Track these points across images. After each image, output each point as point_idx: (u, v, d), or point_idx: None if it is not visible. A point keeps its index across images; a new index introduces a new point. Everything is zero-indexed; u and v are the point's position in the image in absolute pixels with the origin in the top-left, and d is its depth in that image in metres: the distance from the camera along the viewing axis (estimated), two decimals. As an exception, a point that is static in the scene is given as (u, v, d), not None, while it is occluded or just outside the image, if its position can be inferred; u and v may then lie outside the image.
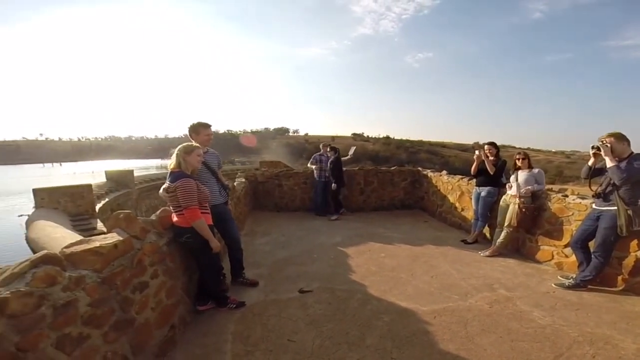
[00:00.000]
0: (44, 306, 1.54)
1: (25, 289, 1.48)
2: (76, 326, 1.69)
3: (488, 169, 4.89)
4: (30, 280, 1.53)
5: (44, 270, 1.60)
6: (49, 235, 8.30)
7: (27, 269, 1.57)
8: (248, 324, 2.81)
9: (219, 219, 3.29)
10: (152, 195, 20.07)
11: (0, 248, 13.60)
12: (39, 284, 1.55)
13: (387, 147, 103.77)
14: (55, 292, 1.61)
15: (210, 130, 3.51)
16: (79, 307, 1.72)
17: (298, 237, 5.58)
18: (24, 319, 1.44)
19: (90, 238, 2.05)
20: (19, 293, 1.45)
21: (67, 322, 1.64)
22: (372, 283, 3.62)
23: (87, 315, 1.77)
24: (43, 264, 1.64)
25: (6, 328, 1.37)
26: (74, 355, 1.63)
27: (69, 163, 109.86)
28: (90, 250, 1.91)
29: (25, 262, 1.60)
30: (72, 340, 1.65)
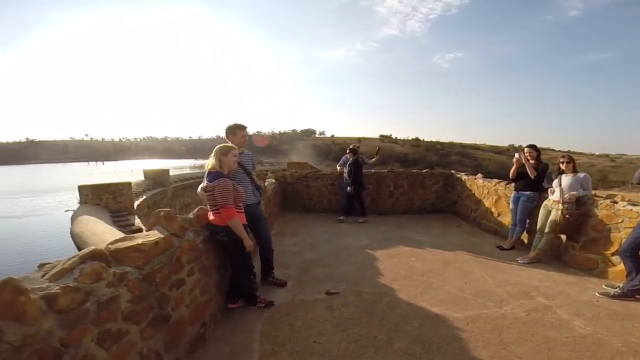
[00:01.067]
0: (89, 302, 1.56)
1: (74, 285, 1.51)
2: (117, 322, 1.71)
3: (529, 172, 4.63)
4: (78, 276, 1.56)
5: (90, 266, 1.63)
6: (92, 230, 8.85)
7: (75, 264, 1.60)
8: (276, 324, 2.83)
9: (252, 218, 3.34)
10: (186, 193, 20.88)
11: (49, 241, 14.68)
12: (86, 280, 1.58)
13: (416, 149, 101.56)
14: (100, 288, 1.64)
15: (246, 131, 3.58)
16: (120, 303, 1.75)
17: (325, 238, 5.56)
18: (70, 314, 1.46)
19: (133, 235, 2.11)
20: (68, 289, 1.47)
21: (109, 318, 1.67)
22: (402, 287, 3.54)
23: (128, 311, 1.79)
24: (90, 260, 1.67)
25: (53, 323, 1.39)
26: (112, 351, 1.65)
27: (111, 162, 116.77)
28: (133, 247, 1.95)
29: (75, 257, 1.63)
30: (112, 336, 1.67)
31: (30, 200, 30.82)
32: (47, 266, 1.59)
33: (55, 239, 14.04)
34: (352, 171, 6.87)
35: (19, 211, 24.65)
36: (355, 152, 7.10)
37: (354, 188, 6.87)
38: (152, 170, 18.39)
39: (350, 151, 7.14)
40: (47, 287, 1.42)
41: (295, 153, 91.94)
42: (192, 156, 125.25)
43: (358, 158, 7.04)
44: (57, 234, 14.41)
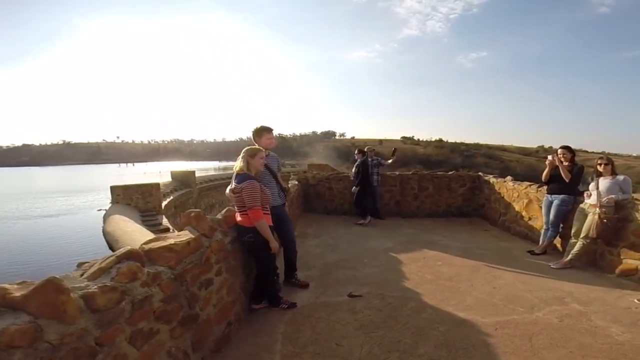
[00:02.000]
0: (124, 301, 1.58)
1: (110, 284, 1.52)
2: (149, 321, 1.73)
3: (563, 175, 4.42)
4: (115, 276, 1.57)
5: (127, 265, 1.64)
6: (122, 229, 9.22)
7: (112, 264, 1.61)
8: (298, 325, 2.83)
9: (277, 220, 3.36)
10: (210, 194, 21.40)
11: (83, 239, 15.42)
12: (122, 280, 1.59)
13: (439, 151, 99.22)
14: (135, 287, 1.66)
15: (273, 134, 3.61)
16: (153, 303, 1.76)
17: (347, 240, 5.54)
18: (106, 313, 1.48)
19: (166, 235, 2.15)
20: (106, 288, 1.49)
21: (142, 317, 1.68)
22: (427, 291, 3.47)
23: (159, 310, 1.81)
24: (126, 259, 1.69)
25: (90, 323, 1.40)
26: (143, 350, 1.66)
27: (140, 163, 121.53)
28: (166, 247, 1.97)
29: (111, 257, 1.65)
30: (143, 335, 1.68)
31: (66, 199, 32.50)
32: (85, 265, 1.63)
33: (88, 238, 14.73)
34: (359, 172, 6.79)
35: (54, 210, 26.05)
36: (364, 153, 7.02)
37: (360, 189, 6.81)
38: (179, 172, 18.98)
39: (359, 152, 7.07)
40: (85, 286, 1.45)
41: (316, 155, 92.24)
42: (216, 158, 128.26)
43: (366, 159, 6.95)
44: (90, 233, 15.12)
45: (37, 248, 14.75)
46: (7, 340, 1.13)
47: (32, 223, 21.09)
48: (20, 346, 1.15)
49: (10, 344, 1.13)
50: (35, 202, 30.60)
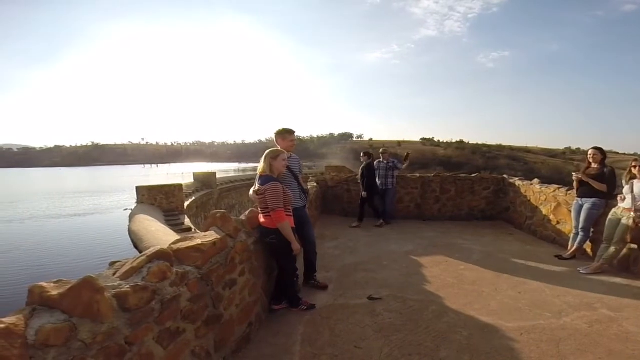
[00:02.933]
0: (154, 301, 1.59)
1: (142, 284, 1.54)
2: (176, 321, 1.74)
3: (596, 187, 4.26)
4: (146, 275, 1.59)
5: (157, 265, 1.66)
6: (147, 228, 9.51)
7: (143, 263, 1.64)
8: (317, 327, 2.83)
9: (299, 221, 3.37)
10: (230, 195, 21.77)
11: (110, 238, 16.01)
12: (153, 279, 1.61)
13: (460, 152, 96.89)
14: (165, 287, 1.67)
15: (295, 136, 3.63)
16: (180, 302, 1.78)
17: (366, 243, 5.50)
18: (137, 313, 1.49)
19: (193, 235, 2.18)
20: (137, 287, 1.50)
21: (170, 316, 1.69)
22: (449, 295, 3.41)
23: (186, 310, 1.82)
24: (157, 259, 1.71)
25: (121, 322, 1.41)
26: (169, 349, 1.67)
27: (164, 164, 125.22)
28: (194, 247, 1.99)
29: (143, 256, 1.67)
30: (170, 335, 1.70)
31: (94, 199, 33.88)
32: (117, 264, 1.66)
33: (115, 236, 15.28)
34: (363, 175, 6.69)
35: (83, 210, 27.19)
36: (369, 156, 6.87)
37: (367, 193, 6.70)
38: (201, 173, 19.42)
39: (364, 154, 6.90)
40: (118, 285, 1.47)
41: (333, 156, 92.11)
42: (236, 160, 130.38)
43: (371, 162, 6.83)
44: (117, 232, 15.68)
45: (67, 246, 15.42)
46: (43, 339, 1.14)
47: (62, 222, 22.10)
48: (55, 345, 1.16)
49: (46, 343, 1.14)
50: (65, 202, 32.03)
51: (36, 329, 1.14)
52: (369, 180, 6.68)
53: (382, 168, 7.00)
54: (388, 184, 6.96)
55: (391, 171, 6.96)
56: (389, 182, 6.96)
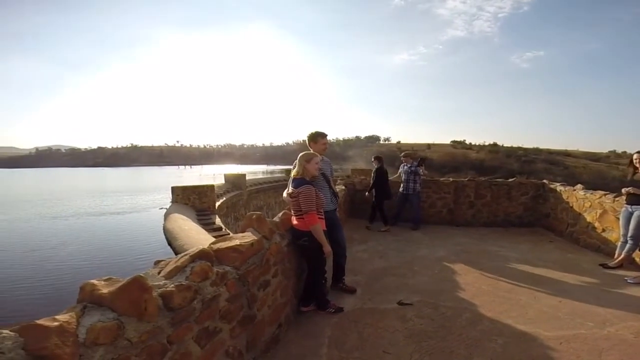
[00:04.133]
0: (196, 300, 1.60)
1: (186, 283, 1.55)
2: (214, 320, 1.75)
3: None
4: (189, 275, 1.61)
5: (199, 265, 1.67)
6: (181, 227, 9.85)
7: (187, 263, 1.65)
8: (344, 330, 2.80)
9: (330, 224, 3.37)
10: (259, 196, 22.16)
11: (146, 235, 16.79)
12: (196, 279, 1.62)
13: (494, 156, 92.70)
14: (206, 286, 1.68)
15: (327, 139, 3.65)
16: (219, 302, 1.79)
17: (396, 247, 5.41)
18: (180, 312, 1.50)
19: (231, 236, 2.23)
20: (181, 287, 1.51)
21: (209, 316, 1.71)
22: (484, 303, 3.30)
23: (224, 310, 1.84)
24: (199, 259, 1.72)
25: (165, 321, 1.41)
26: (205, 349, 1.67)
27: (197, 166, 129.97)
28: (232, 247, 2.02)
29: (186, 256, 1.69)
30: (208, 334, 1.70)
31: (132, 198, 35.70)
32: (161, 263, 1.69)
33: (150, 234, 16.01)
34: (373, 178, 6.60)
35: (121, 208, 28.71)
36: (380, 160, 6.77)
37: (377, 197, 6.59)
38: (232, 175, 19.92)
39: (375, 159, 6.81)
40: (163, 284, 1.49)
41: (360, 159, 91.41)
42: (264, 162, 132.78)
43: (382, 167, 6.70)
44: (152, 230, 16.43)
45: (106, 243, 16.34)
46: (93, 338, 1.15)
47: (103, 219, 23.45)
48: (103, 343, 1.17)
49: (95, 341, 1.15)
50: (106, 200, 33.98)
51: (87, 327, 1.15)
52: (379, 185, 6.58)
53: (404, 172, 6.84)
54: (409, 188, 6.74)
55: (413, 175, 6.74)
56: (410, 186, 6.74)
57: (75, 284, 4.53)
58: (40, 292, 9.93)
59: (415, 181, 6.72)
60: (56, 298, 9.30)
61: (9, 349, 0.96)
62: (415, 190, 6.74)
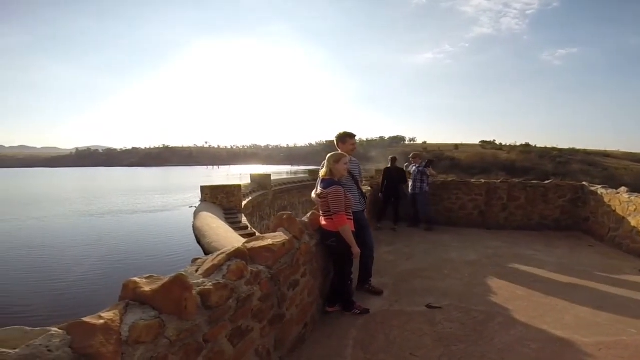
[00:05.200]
0: (232, 299, 1.60)
1: (223, 282, 1.55)
2: (246, 319, 1.75)
3: None
4: (226, 273, 1.61)
5: (235, 263, 1.69)
6: (209, 225, 10.12)
7: (223, 261, 1.66)
8: (370, 331, 2.78)
9: (358, 225, 3.34)
10: (283, 197, 22.40)
11: (177, 232, 17.40)
12: (232, 278, 1.63)
13: (526, 157, 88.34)
14: (241, 285, 1.69)
15: (355, 140, 3.63)
16: (253, 301, 1.79)
17: (424, 250, 5.30)
18: (217, 310, 1.50)
19: (263, 235, 2.25)
20: (219, 285, 1.51)
21: (243, 315, 1.71)
22: (518, 308, 3.18)
23: (257, 309, 1.84)
24: (235, 257, 1.73)
25: (202, 319, 1.41)
26: (237, 347, 1.66)
27: (224, 166, 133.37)
28: (265, 247, 2.03)
29: (222, 254, 1.70)
30: (241, 333, 1.70)
31: (163, 197, 37.08)
32: (198, 261, 1.70)
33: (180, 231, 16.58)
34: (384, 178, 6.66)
35: (153, 206, 29.87)
36: (394, 160, 6.90)
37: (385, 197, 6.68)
38: (257, 175, 20.24)
39: (391, 160, 6.93)
40: (202, 282, 1.49)
41: (384, 160, 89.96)
42: (288, 162, 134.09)
43: (392, 166, 6.80)
44: (181, 227, 17.01)
45: (139, 239, 17.05)
46: (136, 336, 1.14)
47: (136, 217, 24.50)
48: (144, 342, 1.16)
49: (137, 340, 1.14)
50: (139, 199, 35.48)
51: (130, 325, 1.15)
52: (388, 184, 6.70)
53: (413, 172, 6.85)
54: (416, 187, 6.76)
55: (420, 175, 6.75)
56: (417, 186, 6.77)
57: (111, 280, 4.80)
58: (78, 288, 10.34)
59: (422, 181, 6.76)
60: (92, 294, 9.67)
61: (56, 346, 0.96)
62: (423, 189, 6.76)
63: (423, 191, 6.76)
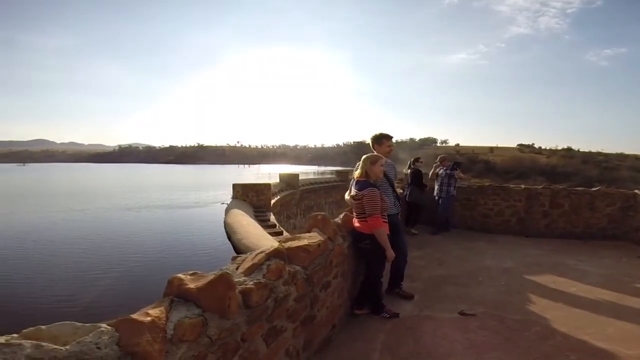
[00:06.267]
0: (270, 299, 1.59)
1: (263, 281, 1.55)
2: (281, 320, 1.74)
3: None
4: (265, 272, 1.61)
5: (275, 263, 1.68)
6: (240, 222, 10.37)
7: (263, 260, 1.65)
8: (399, 336, 2.73)
9: (392, 229, 3.29)
10: (310, 196, 22.53)
11: (210, 227, 17.94)
12: (271, 277, 1.62)
13: (568, 161, 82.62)
14: (279, 285, 1.68)
15: (392, 141, 3.58)
16: (289, 301, 1.78)
17: (457, 256, 5.16)
18: (256, 310, 1.48)
19: (300, 235, 2.26)
20: (260, 285, 1.50)
21: (279, 315, 1.69)
22: (557, 318, 3.04)
23: (292, 309, 1.83)
24: (274, 257, 1.73)
25: (242, 319, 1.40)
26: (270, 347, 1.65)
27: (254, 165, 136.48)
28: (302, 247, 2.03)
29: (261, 253, 1.69)
30: (275, 333, 1.68)
31: (197, 193, 38.43)
32: (238, 259, 1.72)
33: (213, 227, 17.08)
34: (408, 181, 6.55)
35: (187, 202, 31.00)
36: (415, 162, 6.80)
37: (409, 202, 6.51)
38: (286, 174, 20.50)
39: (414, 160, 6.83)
40: (243, 281, 1.48)
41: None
42: (316, 162, 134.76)
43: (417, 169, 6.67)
44: (213, 223, 17.52)
45: (174, 234, 17.75)
46: (180, 334, 1.12)
47: (170, 212, 25.54)
48: (187, 340, 1.14)
49: (181, 338, 1.12)
50: (174, 194, 37.01)
51: (175, 322, 1.13)
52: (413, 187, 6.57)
53: (440, 176, 6.68)
54: (443, 191, 6.60)
55: (447, 178, 6.59)
56: (444, 189, 6.60)
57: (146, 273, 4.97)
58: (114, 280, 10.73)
59: (450, 184, 6.62)
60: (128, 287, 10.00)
61: (105, 344, 0.95)
62: (449, 193, 6.62)
63: (449, 195, 6.63)
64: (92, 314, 6.75)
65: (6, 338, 0.86)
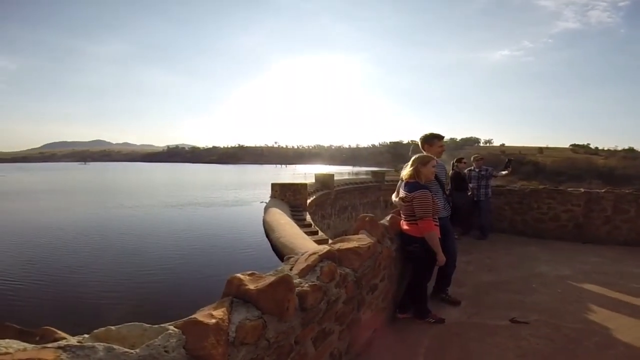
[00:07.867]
0: (323, 301, 1.57)
1: (318, 283, 1.53)
2: (330, 322, 1.71)
3: None
4: (319, 274, 1.59)
5: (327, 265, 1.66)
6: (278, 220, 10.59)
7: (316, 262, 1.64)
8: (445, 342, 2.64)
9: (442, 232, 3.17)
10: (344, 197, 22.46)
11: (249, 225, 18.47)
12: (325, 279, 1.61)
13: (629, 163, 74.75)
14: (331, 288, 1.66)
15: (443, 142, 3.46)
16: (339, 304, 1.76)
17: (507, 262, 4.92)
18: (310, 312, 1.46)
19: (349, 237, 2.24)
20: (315, 287, 1.49)
21: (329, 317, 1.67)
22: (620, 327, 2.85)
23: (340, 312, 1.80)
24: (327, 259, 1.71)
25: (297, 321, 1.38)
26: (318, 350, 1.61)
27: (291, 165, 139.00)
28: (352, 249, 2.00)
29: (315, 255, 1.68)
30: (324, 335, 1.65)
31: (236, 192, 39.78)
32: (291, 260, 1.71)
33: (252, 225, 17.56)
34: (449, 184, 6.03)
35: (227, 200, 32.12)
36: (459, 161, 6.32)
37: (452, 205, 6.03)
38: (321, 174, 20.58)
39: (456, 161, 6.32)
40: (299, 283, 1.46)
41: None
42: (350, 163, 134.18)
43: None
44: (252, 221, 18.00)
45: (215, 231, 18.44)
46: (242, 337, 1.09)
47: (211, 210, 26.59)
48: (248, 343, 1.11)
49: (243, 341, 1.10)
50: (215, 193, 38.56)
51: (236, 325, 1.10)
52: (453, 190, 6.06)
53: (473, 177, 6.25)
54: (480, 195, 6.20)
55: (484, 180, 6.17)
56: (481, 192, 6.20)
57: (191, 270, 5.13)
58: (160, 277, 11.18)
59: (487, 186, 6.24)
60: (175, 284, 10.42)
61: (172, 347, 0.93)
62: (487, 195, 6.25)
63: (487, 197, 6.28)
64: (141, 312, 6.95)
65: (78, 339, 0.87)
